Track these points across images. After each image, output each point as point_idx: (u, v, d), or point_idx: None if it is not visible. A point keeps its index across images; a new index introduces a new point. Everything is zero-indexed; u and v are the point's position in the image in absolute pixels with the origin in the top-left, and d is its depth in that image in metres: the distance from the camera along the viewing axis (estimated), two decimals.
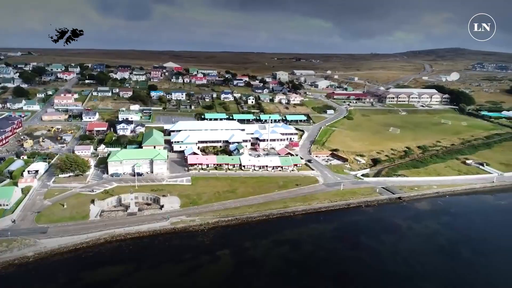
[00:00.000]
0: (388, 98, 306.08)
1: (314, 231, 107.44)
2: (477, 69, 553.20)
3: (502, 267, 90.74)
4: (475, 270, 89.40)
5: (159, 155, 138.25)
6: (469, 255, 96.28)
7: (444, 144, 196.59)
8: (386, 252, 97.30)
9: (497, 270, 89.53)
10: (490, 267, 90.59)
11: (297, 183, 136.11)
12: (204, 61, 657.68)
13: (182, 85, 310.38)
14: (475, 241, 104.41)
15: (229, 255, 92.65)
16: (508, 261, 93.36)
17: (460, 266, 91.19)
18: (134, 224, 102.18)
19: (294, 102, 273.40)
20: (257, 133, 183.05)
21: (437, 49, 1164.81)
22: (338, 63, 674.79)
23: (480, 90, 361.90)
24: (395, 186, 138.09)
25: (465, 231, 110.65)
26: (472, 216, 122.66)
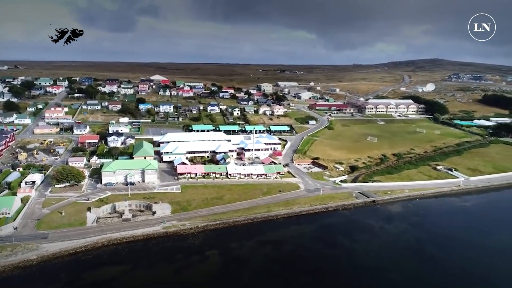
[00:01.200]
0: (368, 108, 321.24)
1: (295, 232, 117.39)
2: (452, 80, 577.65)
3: (460, 260, 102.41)
4: (436, 263, 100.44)
5: (150, 165, 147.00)
6: (432, 250, 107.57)
7: (418, 152, 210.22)
8: (359, 250, 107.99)
9: (455, 262, 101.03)
10: (450, 260, 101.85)
11: (280, 189, 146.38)
12: (190, 73, 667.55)
13: (170, 97, 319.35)
14: (439, 238, 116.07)
15: (217, 255, 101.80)
16: (466, 255, 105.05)
17: (423, 260, 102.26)
18: (129, 229, 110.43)
19: (278, 113, 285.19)
20: (243, 144, 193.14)
21: (417, 60, 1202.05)
22: (321, 75, 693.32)
23: (454, 100, 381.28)
24: (370, 191, 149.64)
25: (431, 230, 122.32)
26: (438, 217, 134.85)
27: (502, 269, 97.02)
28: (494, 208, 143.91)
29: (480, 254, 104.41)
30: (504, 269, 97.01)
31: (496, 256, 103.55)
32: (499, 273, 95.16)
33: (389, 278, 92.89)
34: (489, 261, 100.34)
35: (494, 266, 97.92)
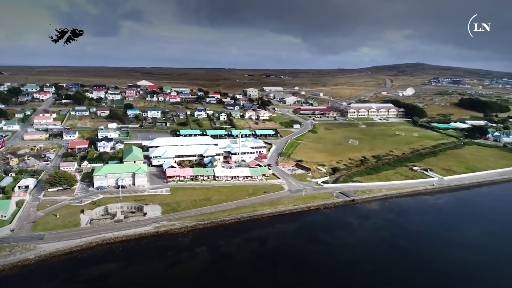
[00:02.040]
0: (350, 112, 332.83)
1: (279, 230, 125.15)
2: (432, 84, 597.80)
3: (429, 252, 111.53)
4: (408, 255, 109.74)
5: (140, 169, 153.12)
6: (405, 244, 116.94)
7: (396, 153, 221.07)
8: (339, 244, 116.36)
9: (425, 254, 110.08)
10: (420, 252, 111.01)
11: (265, 190, 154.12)
12: (177, 78, 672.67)
13: (157, 103, 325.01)
14: (412, 233, 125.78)
15: (206, 251, 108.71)
16: (435, 248, 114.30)
17: (396, 252, 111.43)
18: (122, 229, 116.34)
19: (263, 117, 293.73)
20: (229, 147, 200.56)
21: (399, 64, 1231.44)
22: (306, 79, 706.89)
23: (433, 104, 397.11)
24: (350, 191, 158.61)
25: (404, 226, 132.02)
26: (412, 214, 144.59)
27: (466, 259, 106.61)
28: (463, 205, 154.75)
29: (448, 247, 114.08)
30: (467, 259, 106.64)
31: (462, 248, 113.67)
32: (463, 263, 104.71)
33: (365, 269, 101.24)
34: (455, 253, 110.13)
35: (459, 257, 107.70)
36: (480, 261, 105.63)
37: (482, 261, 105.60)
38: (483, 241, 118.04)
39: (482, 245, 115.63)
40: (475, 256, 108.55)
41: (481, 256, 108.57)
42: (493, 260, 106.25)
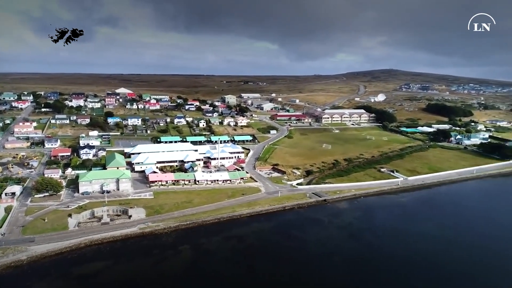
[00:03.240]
0: (324, 118, 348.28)
1: (256, 228, 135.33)
2: (403, 90, 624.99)
3: (391, 244, 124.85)
4: (372, 247, 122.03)
5: (124, 175, 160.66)
6: (370, 237, 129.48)
7: (366, 156, 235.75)
8: (310, 240, 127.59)
9: (387, 246, 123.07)
10: (383, 245, 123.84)
11: (243, 192, 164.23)
12: (155, 85, 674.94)
13: (137, 111, 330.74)
14: (377, 228, 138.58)
15: (189, 249, 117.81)
16: (396, 240, 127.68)
17: (362, 245, 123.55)
18: (108, 231, 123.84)
19: (241, 124, 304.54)
20: (209, 153, 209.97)
21: (374, 70, 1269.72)
22: (283, 86, 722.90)
23: (402, 109, 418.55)
24: (322, 191, 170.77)
25: (370, 222, 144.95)
26: (378, 211, 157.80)
27: (422, 249, 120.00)
28: (424, 203, 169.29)
29: (407, 239, 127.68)
30: (423, 249, 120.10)
31: (419, 239, 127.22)
32: (419, 252, 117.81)
33: (333, 261, 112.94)
34: (413, 244, 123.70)
35: (416, 247, 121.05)
36: (434, 249, 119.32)
37: (435, 249, 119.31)
38: (438, 233, 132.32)
39: (437, 236, 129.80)
40: (429, 246, 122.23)
41: (435, 245, 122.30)
42: (445, 248, 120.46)
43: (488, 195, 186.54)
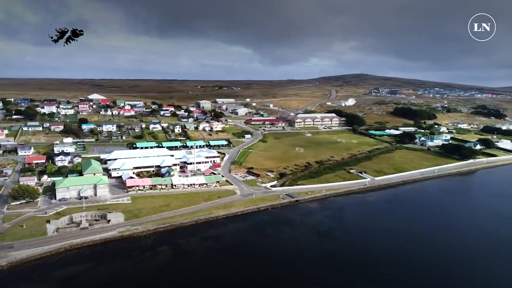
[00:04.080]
0: (297, 122, 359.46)
1: (232, 229, 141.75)
2: (372, 94, 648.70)
3: (357, 239, 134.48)
4: (339, 242, 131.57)
5: (102, 180, 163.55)
6: (338, 234, 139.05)
7: (337, 159, 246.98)
8: (283, 238, 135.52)
9: (353, 241, 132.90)
10: (349, 240, 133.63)
11: (219, 195, 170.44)
12: (129, 91, 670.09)
13: (112, 117, 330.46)
14: (344, 224, 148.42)
15: (168, 250, 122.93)
16: (362, 235, 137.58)
17: (330, 240, 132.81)
18: (88, 235, 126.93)
19: (217, 129, 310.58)
20: (185, 158, 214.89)
21: (345, 75, 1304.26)
22: (257, 90, 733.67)
23: (371, 113, 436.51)
24: (295, 193, 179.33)
25: (339, 219, 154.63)
26: (347, 209, 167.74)
27: (384, 241, 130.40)
28: (389, 201, 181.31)
29: (372, 233, 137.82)
30: (385, 241, 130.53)
31: (382, 233, 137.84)
32: (381, 245, 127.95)
33: (304, 256, 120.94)
34: (377, 238, 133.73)
35: (379, 241, 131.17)
36: (398, 242, 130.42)
37: (399, 242, 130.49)
38: (402, 227, 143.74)
39: (400, 230, 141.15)
40: (394, 239, 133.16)
41: (399, 238, 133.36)
42: (408, 240, 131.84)
43: (447, 192, 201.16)
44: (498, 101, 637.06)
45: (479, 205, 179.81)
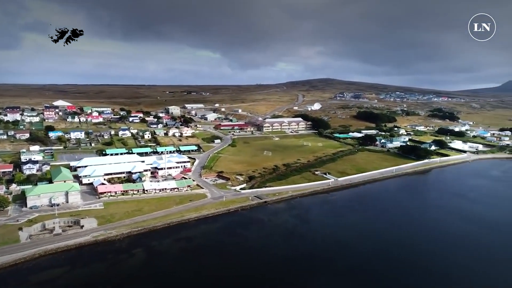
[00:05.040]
0: (265, 127, 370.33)
1: (204, 230, 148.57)
2: (337, 98, 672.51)
3: (320, 235, 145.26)
4: (304, 238, 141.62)
5: (73, 187, 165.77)
6: (303, 230, 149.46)
7: (303, 161, 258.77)
8: (252, 237, 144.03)
9: (317, 236, 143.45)
10: (313, 236, 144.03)
11: (190, 199, 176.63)
12: (94, 97, 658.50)
13: (79, 124, 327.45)
14: (309, 222, 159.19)
15: (142, 252, 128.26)
16: (325, 231, 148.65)
17: (296, 237, 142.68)
18: (62, 241, 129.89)
19: (186, 134, 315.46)
20: (155, 163, 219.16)
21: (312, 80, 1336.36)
22: (226, 95, 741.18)
23: (336, 117, 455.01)
24: (263, 194, 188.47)
25: (304, 218, 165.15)
26: (311, 208, 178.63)
27: (344, 236, 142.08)
28: (350, 199, 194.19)
29: (336, 230, 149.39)
30: (345, 235, 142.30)
31: (343, 229, 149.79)
32: (343, 239, 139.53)
33: (271, 252, 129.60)
34: (339, 233, 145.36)
35: (340, 235, 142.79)
36: (358, 236, 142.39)
37: (359, 236, 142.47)
38: (362, 223, 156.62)
39: (360, 225, 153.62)
40: (354, 233, 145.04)
41: (359, 233, 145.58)
42: (367, 234, 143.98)
43: (404, 190, 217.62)
44: (453, 104, 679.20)
45: (431, 202, 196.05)
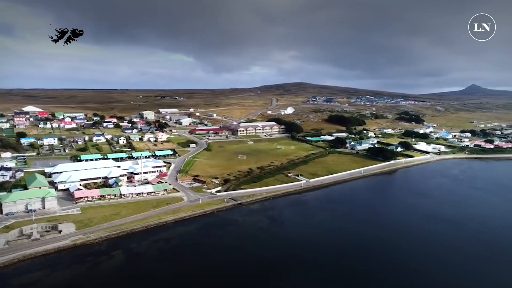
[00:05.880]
0: (239, 131, 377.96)
1: (181, 231, 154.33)
2: (310, 102, 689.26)
3: (292, 233, 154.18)
4: (277, 236, 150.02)
5: (50, 193, 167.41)
6: (276, 229, 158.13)
7: (276, 164, 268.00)
8: (228, 236, 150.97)
9: (290, 235, 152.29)
10: (286, 234, 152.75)
11: (167, 202, 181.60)
12: (65, 102, 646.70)
13: (52, 130, 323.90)
14: (282, 221, 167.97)
15: (121, 253, 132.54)
16: (296, 229, 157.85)
17: (270, 236, 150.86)
18: (41, 246, 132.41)
19: (162, 139, 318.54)
20: (132, 168, 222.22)
21: (286, 84, 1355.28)
22: (201, 100, 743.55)
23: (308, 120, 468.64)
24: (238, 196, 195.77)
25: (277, 217, 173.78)
26: (284, 208, 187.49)
27: (314, 233, 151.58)
28: (321, 199, 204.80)
29: (307, 228, 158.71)
30: (315, 233, 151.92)
31: (317, 227, 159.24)
32: (313, 237, 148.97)
33: (246, 250, 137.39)
34: (309, 230, 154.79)
35: (310, 232, 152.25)
36: (327, 232, 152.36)
37: (327, 232, 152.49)
38: (331, 220, 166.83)
39: (330, 223, 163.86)
40: (324, 230, 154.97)
41: (328, 230, 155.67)
42: (335, 231, 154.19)
43: (370, 189, 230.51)
44: (419, 107, 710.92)
45: (396, 200, 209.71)
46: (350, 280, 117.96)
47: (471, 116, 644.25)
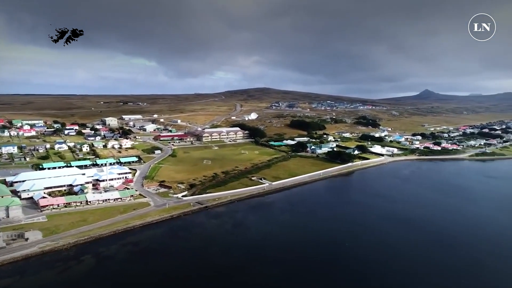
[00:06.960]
0: (204, 137, 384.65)
1: (149, 235, 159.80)
2: (273, 108, 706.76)
3: (254, 233, 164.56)
4: (241, 237, 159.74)
5: (14, 202, 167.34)
6: (240, 230, 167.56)
7: (241, 168, 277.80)
8: (194, 238, 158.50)
9: (254, 235, 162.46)
10: (251, 235, 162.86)
11: (134, 208, 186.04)
12: (22, 108, 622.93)
13: (10, 138, 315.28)
14: (246, 223, 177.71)
15: (90, 258, 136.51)
16: (258, 229, 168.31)
17: (234, 237, 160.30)
18: (8, 254, 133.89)
19: (126, 146, 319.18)
20: (97, 176, 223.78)
21: (249, 89, 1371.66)
22: (164, 105, 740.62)
23: (271, 125, 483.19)
24: (204, 200, 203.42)
25: (241, 219, 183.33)
26: (247, 210, 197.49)
27: (281, 233, 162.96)
28: (282, 201, 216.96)
29: (269, 227, 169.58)
30: (275, 232, 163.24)
31: (278, 227, 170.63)
32: (279, 235, 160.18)
33: (210, 251, 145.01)
34: (269, 230, 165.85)
35: (270, 232, 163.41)
36: (287, 232, 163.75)
37: (288, 232, 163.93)
38: (292, 220, 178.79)
39: (291, 222, 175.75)
40: (285, 230, 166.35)
41: (289, 229, 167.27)
42: (295, 230, 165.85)
43: (329, 190, 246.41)
44: (376, 112, 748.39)
45: (352, 199, 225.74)
46: (310, 271, 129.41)
47: (423, 120, 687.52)
